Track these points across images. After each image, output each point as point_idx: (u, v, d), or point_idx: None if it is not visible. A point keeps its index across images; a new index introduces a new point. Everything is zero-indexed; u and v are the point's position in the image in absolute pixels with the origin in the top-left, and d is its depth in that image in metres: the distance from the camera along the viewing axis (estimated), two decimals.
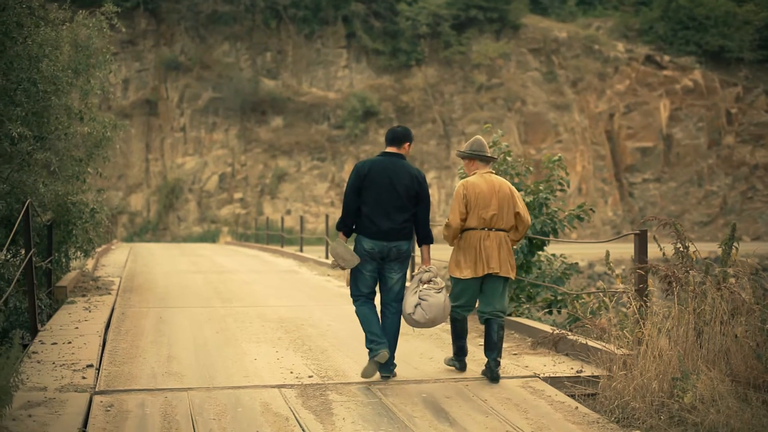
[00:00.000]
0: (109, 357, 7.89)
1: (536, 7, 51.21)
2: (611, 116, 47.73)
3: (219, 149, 44.30)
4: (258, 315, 10.77)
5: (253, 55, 45.65)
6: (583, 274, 29.52)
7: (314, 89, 45.57)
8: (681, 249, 7.28)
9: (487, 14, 47.24)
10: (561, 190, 10.94)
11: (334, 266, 7.26)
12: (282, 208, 42.95)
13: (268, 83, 45.02)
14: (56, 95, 11.18)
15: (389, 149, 7.22)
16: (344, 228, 7.15)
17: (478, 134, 8.14)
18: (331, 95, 45.34)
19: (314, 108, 44.94)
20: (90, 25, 13.10)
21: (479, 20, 47.33)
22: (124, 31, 15.59)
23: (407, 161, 7.22)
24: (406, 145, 7.23)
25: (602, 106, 47.74)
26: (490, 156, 7.40)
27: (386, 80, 46.14)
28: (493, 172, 7.42)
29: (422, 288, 7.07)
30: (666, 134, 47.56)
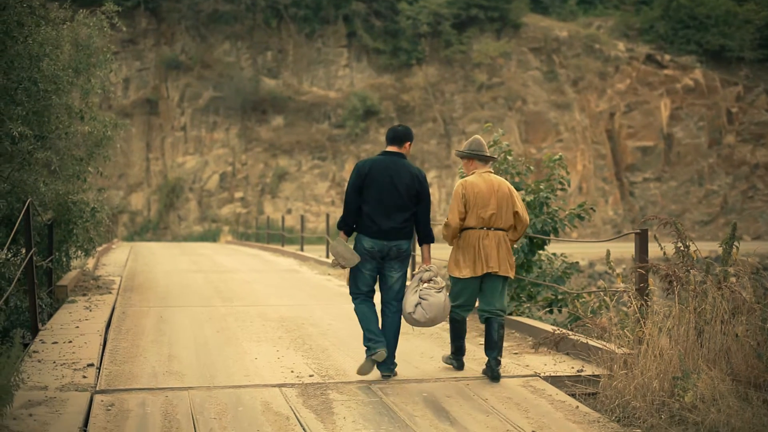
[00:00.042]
0: (110, 356, 7.89)
1: (537, 6, 51.20)
2: (612, 115, 47.71)
3: (220, 148, 44.30)
4: (259, 314, 10.77)
5: (254, 55, 45.64)
6: (584, 274, 29.52)
7: (315, 88, 45.57)
8: (682, 248, 7.28)
9: (488, 13, 47.23)
10: (561, 190, 10.94)
11: (335, 265, 7.27)
12: (283, 208, 42.95)
13: (269, 82, 45.02)
14: (57, 94, 11.17)
15: (390, 148, 7.21)
16: (345, 227, 7.15)
17: (479, 133, 8.15)
18: (332, 94, 45.33)
19: (315, 107, 44.94)
20: (91, 25, 13.11)
21: (480, 19, 47.33)
22: (125, 31, 15.62)
23: (408, 160, 7.22)
24: (407, 145, 7.23)
25: (603, 106, 47.73)
26: (489, 155, 7.40)
27: (387, 79, 46.13)
28: (492, 172, 7.42)
29: (422, 287, 7.07)
30: (667, 133, 47.55)
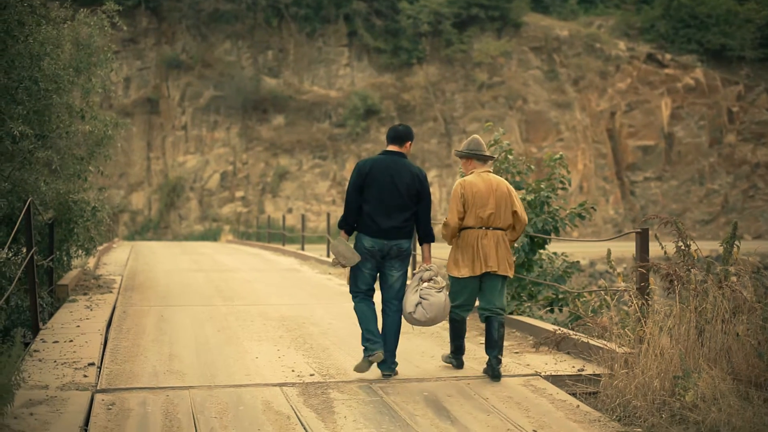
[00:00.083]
0: (111, 355, 7.89)
1: (538, 6, 51.20)
2: (612, 114, 47.71)
3: (220, 147, 44.31)
4: (259, 313, 10.77)
5: (255, 54, 45.65)
6: (585, 273, 29.50)
7: (316, 87, 45.57)
8: (682, 247, 7.28)
9: (489, 12, 47.23)
10: (562, 189, 10.94)
11: (335, 264, 7.28)
12: (283, 207, 42.96)
13: (270, 81, 45.02)
14: (57, 94, 11.17)
15: (391, 148, 7.22)
16: (346, 226, 7.17)
17: (480, 133, 8.17)
18: (333, 93, 45.33)
19: (316, 106, 44.94)
20: (91, 24, 13.11)
21: (481, 18, 47.33)
22: (126, 30, 15.63)
23: (408, 160, 7.23)
24: (408, 144, 7.24)
25: (603, 105, 47.72)
26: (488, 155, 7.40)
27: (387, 78, 46.13)
28: (491, 171, 7.43)
29: (423, 287, 7.08)
30: (667, 133, 47.54)
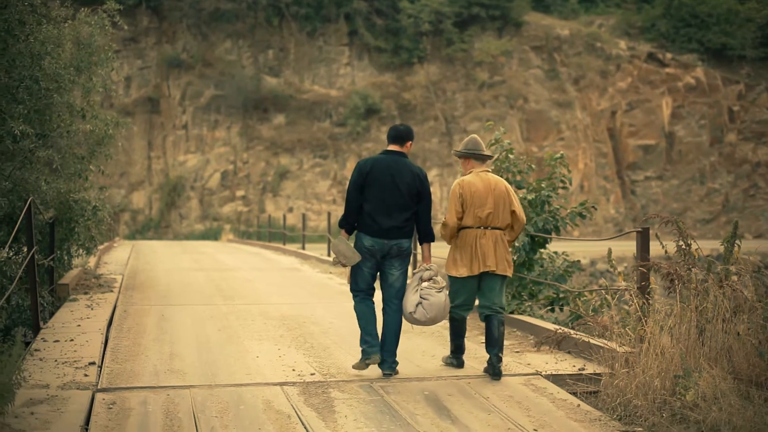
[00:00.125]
0: (112, 354, 7.89)
1: (538, 5, 51.18)
2: (613, 114, 47.70)
3: (221, 147, 44.31)
4: (260, 313, 10.77)
5: (255, 53, 45.65)
6: (585, 272, 29.50)
7: (316, 87, 45.57)
8: (683, 246, 7.27)
9: (490, 12, 47.22)
10: (563, 188, 10.94)
11: (336, 263, 7.28)
12: (284, 206, 42.95)
13: (270, 81, 45.01)
14: (58, 93, 11.17)
15: (391, 147, 7.23)
16: (347, 225, 7.19)
17: (481, 132, 8.18)
18: (333, 93, 45.33)
19: (316, 105, 44.94)
20: (92, 23, 13.11)
21: (481, 18, 47.32)
22: (126, 29, 15.63)
23: (409, 159, 7.24)
24: (408, 144, 7.26)
25: (604, 104, 47.71)
26: (486, 154, 7.41)
27: (388, 78, 46.13)
28: (490, 171, 7.43)
29: (423, 286, 7.09)
30: (668, 132, 47.53)
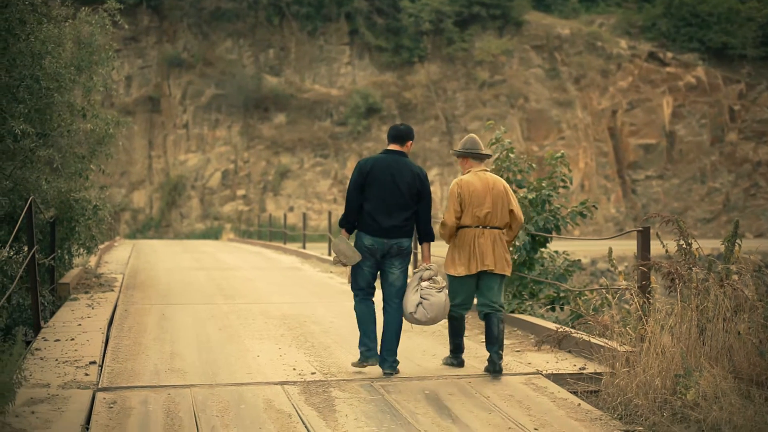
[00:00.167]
0: (112, 354, 7.89)
1: (539, 4, 51.15)
2: (614, 113, 47.69)
3: (222, 146, 44.31)
4: (261, 312, 10.77)
5: (256, 52, 45.64)
6: (586, 271, 29.51)
7: (317, 86, 45.56)
8: (684, 246, 7.27)
9: (490, 11, 47.20)
10: (564, 187, 10.93)
11: (336, 263, 7.30)
12: (285, 205, 42.96)
13: (271, 80, 45.01)
14: (59, 92, 11.18)
15: (392, 147, 7.25)
16: (347, 225, 7.21)
17: (481, 131, 8.18)
18: (334, 92, 45.32)
19: (317, 105, 44.93)
20: (93, 22, 13.12)
21: (482, 17, 47.30)
22: (127, 28, 15.64)
23: (409, 159, 7.25)
24: (409, 143, 7.29)
25: (605, 103, 47.69)
26: (484, 153, 7.42)
27: (389, 77, 46.11)
28: (488, 170, 7.44)
29: (423, 286, 7.10)
30: (669, 131, 47.51)
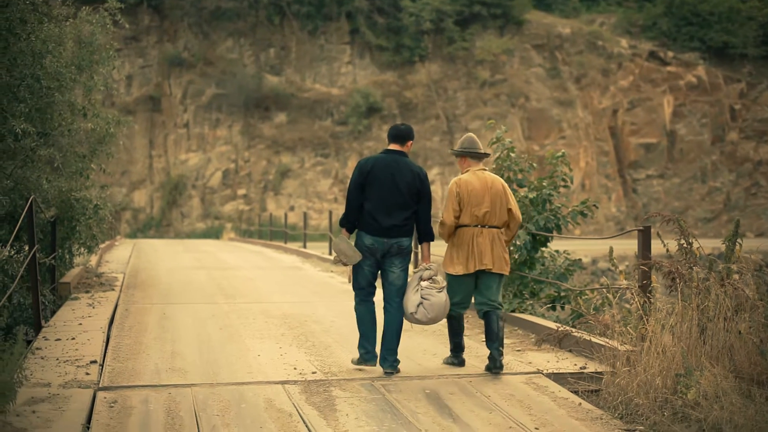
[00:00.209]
0: (113, 353, 7.90)
1: (540, 3, 51.13)
2: (615, 112, 47.67)
3: (222, 145, 44.31)
4: (261, 311, 10.77)
5: (257, 51, 45.63)
6: (587, 271, 29.51)
7: (318, 85, 45.55)
8: (684, 245, 7.27)
9: (491, 10, 47.18)
10: (564, 186, 10.93)
11: (337, 262, 7.31)
12: (285, 205, 42.95)
13: (272, 79, 45.01)
14: (60, 91, 11.18)
15: (392, 147, 7.28)
16: (347, 224, 7.23)
17: (482, 130, 8.19)
18: (335, 91, 45.31)
19: (318, 104, 44.93)
20: (93, 22, 13.13)
21: (483, 16, 47.28)
22: (128, 28, 15.62)
23: (409, 159, 7.28)
24: (409, 143, 7.33)
25: (606, 102, 47.67)
26: (482, 152, 7.42)
27: (390, 76, 46.10)
28: (487, 169, 7.44)
29: (423, 286, 7.11)
30: (670, 130, 47.49)
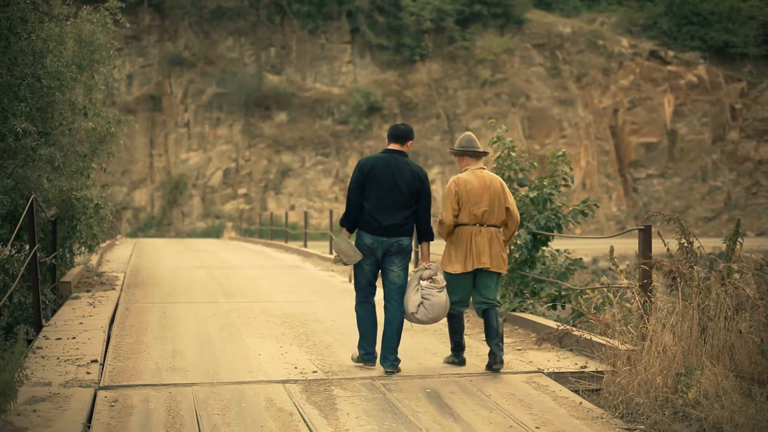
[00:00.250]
0: (114, 352, 7.90)
1: (540, 2, 51.11)
2: (615, 111, 47.66)
3: (223, 144, 44.31)
4: (262, 310, 10.77)
5: (257, 51, 45.63)
6: (588, 270, 29.51)
7: (318, 84, 45.55)
8: (685, 244, 7.27)
9: (491, 9, 47.17)
10: (565, 186, 10.93)
11: (337, 262, 7.31)
12: (286, 204, 42.96)
13: (272, 78, 45.01)
14: (60, 91, 11.18)
15: (392, 146, 7.30)
16: (348, 224, 7.24)
17: (483, 129, 8.20)
18: (335, 90, 45.32)
19: (318, 103, 44.93)
20: (94, 21, 13.13)
21: (483, 15, 47.27)
22: (128, 27, 15.62)
23: (409, 158, 7.29)
24: (409, 143, 7.36)
25: (606, 102, 47.67)
26: (481, 151, 7.43)
27: (390, 75, 46.10)
28: (485, 168, 7.45)
29: (423, 285, 7.12)
30: (670, 129, 47.49)
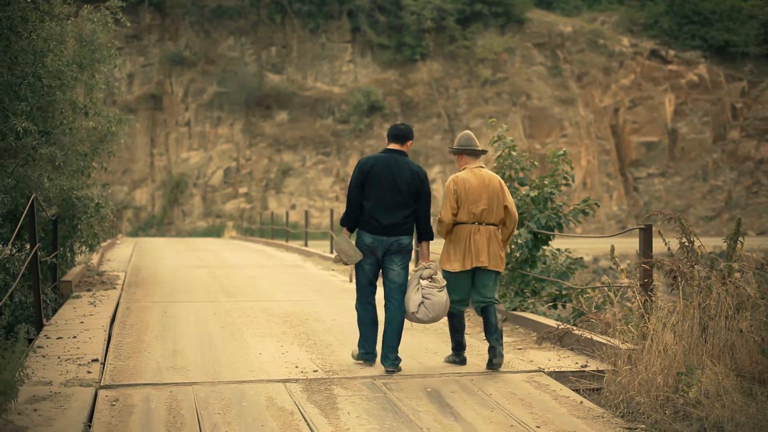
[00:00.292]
0: (114, 351, 7.90)
1: (541, 2, 51.10)
2: (616, 111, 47.65)
3: (224, 144, 44.32)
4: (263, 310, 10.78)
5: (258, 50, 45.63)
6: (588, 269, 29.49)
7: (319, 84, 45.55)
8: (686, 244, 7.27)
9: (492, 8, 47.17)
10: (566, 185, 10.93)
11: (337, 261, 7.32)
12: (287, 203, 42.96)
13: (273, 78, 45.00)
14: (61, 90, 11.18)
15: (392, 146, 7.33)
16: (348, 223, 7.26)
17: (483, 129, 8.21)
18: (336, 90, 45.31)
19: (319, 102, 44.93)
20: (95, 20, 13.13)
21: (484, 15, 47.27)
22: (129, 26, 15.64)
23: (409, 158, 7.31)
24: (409, 143, 7.39)
25: (607, 101, 47.66)
26: (479, 150, 7.43)
27: (391, 75, 46.09)
28: (484, 167, 7.45)
29: (423, 285, 7.12)
30: (671, 129, 47.48)
